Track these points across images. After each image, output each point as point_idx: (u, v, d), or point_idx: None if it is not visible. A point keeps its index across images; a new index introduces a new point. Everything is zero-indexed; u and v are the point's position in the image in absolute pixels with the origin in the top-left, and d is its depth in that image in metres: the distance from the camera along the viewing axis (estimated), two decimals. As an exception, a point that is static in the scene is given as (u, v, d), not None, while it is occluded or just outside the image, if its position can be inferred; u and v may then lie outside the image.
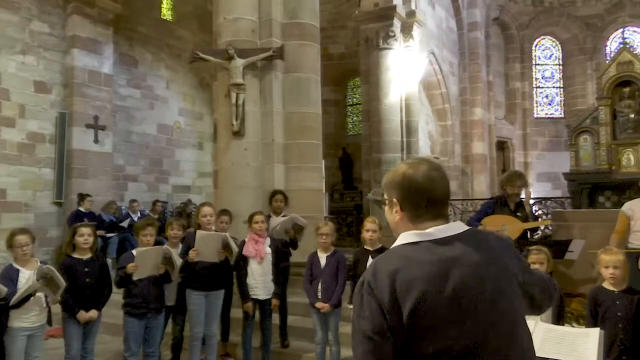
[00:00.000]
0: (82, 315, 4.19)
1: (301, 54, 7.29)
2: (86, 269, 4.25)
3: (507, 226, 4.94)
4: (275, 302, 4.97)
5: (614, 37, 16.50)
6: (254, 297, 4.86)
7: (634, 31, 16.54)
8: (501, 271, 1.37)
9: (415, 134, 11.21)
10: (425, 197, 1.41)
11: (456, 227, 1.42)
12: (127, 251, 5.06)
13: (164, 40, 13.22)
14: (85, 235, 4.27)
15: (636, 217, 5.00)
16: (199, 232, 4.69)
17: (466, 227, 1.43)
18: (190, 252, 4.61)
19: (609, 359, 3.22)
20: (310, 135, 7.34)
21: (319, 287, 4.57)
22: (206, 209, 4.92)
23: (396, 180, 1.45)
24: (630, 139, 11.54)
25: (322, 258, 4.67)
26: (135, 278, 4.30)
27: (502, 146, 16.97)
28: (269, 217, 5.69)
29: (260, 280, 4.88)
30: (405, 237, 1.41)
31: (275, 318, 5.32)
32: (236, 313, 5.24)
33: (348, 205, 12.86)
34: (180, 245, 4.88)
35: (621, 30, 15.26)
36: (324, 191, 9.03)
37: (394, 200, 1.44)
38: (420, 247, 1.36)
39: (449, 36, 14.21)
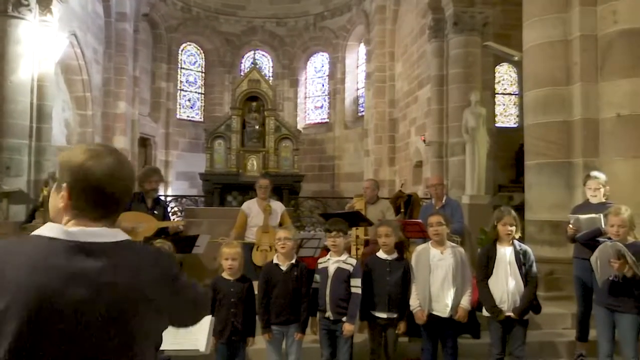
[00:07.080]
0: None
1: None
2: None
3: (143, 224, 4.96)
4: None
5: (248, 56, 18.82)
6: None
7: (263, 55, 19.28)
8: (133, 299, 1.22)
9: (48, 120, 10.05)
10: (100, 194, 1.26)
11: (111, 234, 1.25)
12: None
13: None
14: None
15: (252, 215, 5.83)
16: None
17: (122, 237, 1.27)
18: None
19: (222, 340, 3.63)
20: None
21: None
22: None
23: (72, 167, 1.25)
24: (254, 147, 13.43)
25: None
26: None
27: (144, 143, 17.05)
28: None
29: None
30: (48, 228, 1.21)
31: None
32: None
33: (-47, 197, 10.51)
34: None
35: (253, 51, 17.53)
36: None
37: (64, 185, 1.26)
38: (52, 246, 1.17)
39: (95, 21, 13.40)
